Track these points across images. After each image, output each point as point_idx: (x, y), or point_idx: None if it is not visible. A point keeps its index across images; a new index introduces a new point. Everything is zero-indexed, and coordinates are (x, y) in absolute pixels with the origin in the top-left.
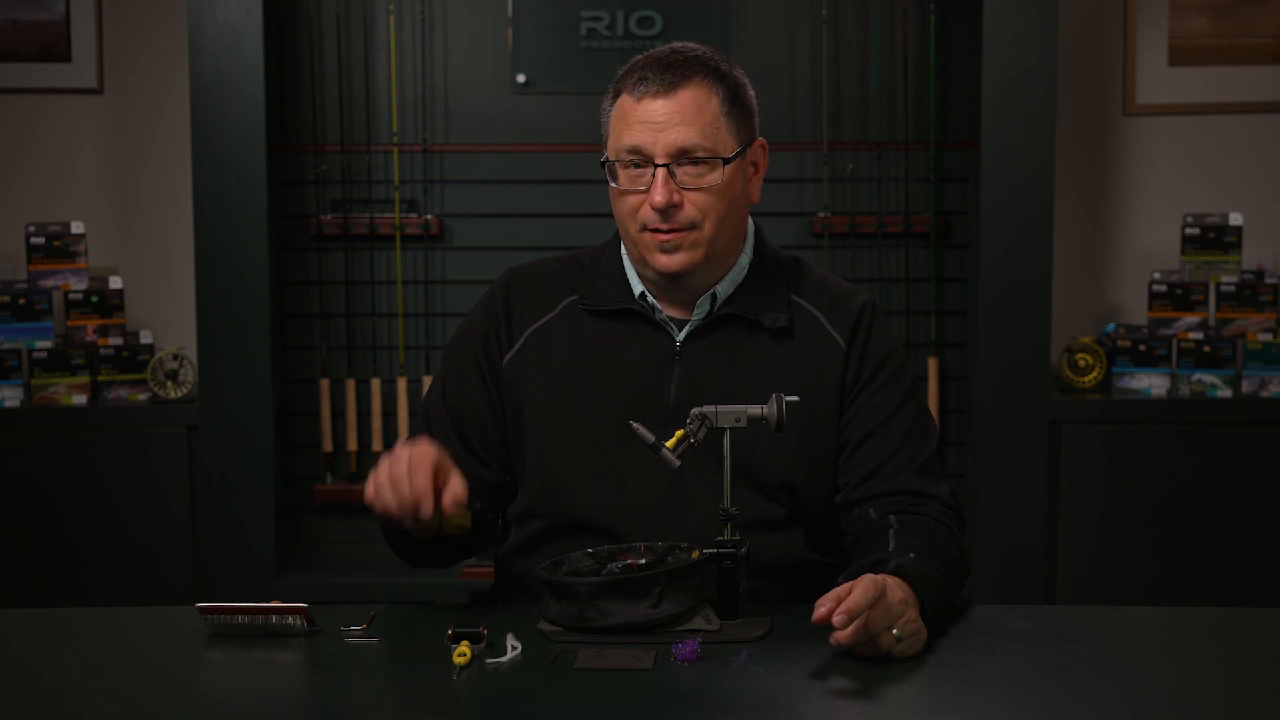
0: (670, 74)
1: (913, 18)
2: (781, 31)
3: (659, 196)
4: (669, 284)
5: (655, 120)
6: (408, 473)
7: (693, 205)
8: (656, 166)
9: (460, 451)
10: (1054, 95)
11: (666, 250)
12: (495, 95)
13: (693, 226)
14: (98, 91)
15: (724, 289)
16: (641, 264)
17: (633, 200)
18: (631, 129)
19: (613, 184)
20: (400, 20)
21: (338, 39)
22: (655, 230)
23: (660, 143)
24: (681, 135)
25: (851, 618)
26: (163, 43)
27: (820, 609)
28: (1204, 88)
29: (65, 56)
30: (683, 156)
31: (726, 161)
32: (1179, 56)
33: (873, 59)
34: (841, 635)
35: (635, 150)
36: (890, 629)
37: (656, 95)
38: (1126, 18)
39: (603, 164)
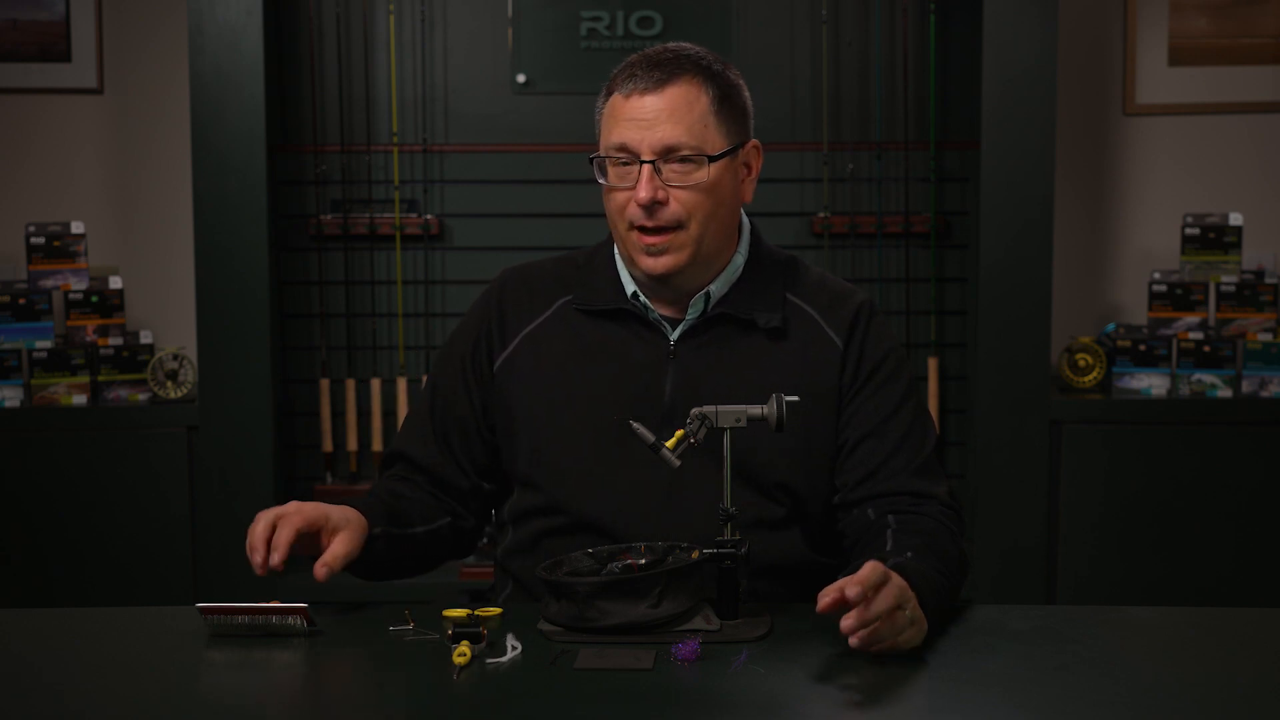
0: (659, 71)
1: (913, 18)
2: (781, 31)
3: (644, 192)
4: (657, 284)
5: (643, 117)
6: (263, 544)
7: (678, 203)
8: (642, 163)
9: (437, 456)
10: (1054, 95)
11: (653, 253)
12: (495, 95)
13: (679, 225)
14: (98, 91)
15: (718, 288)
16: (630, 263)
17: (620, 197)
18: (620, 126)
19: (601, 180)
20: (400, 20)
21: (338, 39)
22: (642, 231)
23: (647, 140)
24: (668, 133)
25: (863, 625)
26: (163, 43)
27: (824, 600)
28: (1204, 88)
29: (65, 56)
30: (669, 154)
31: (712, 160)
32: (1179, 56)
33: (873, 59)
34: (854, 641)
35: (623, 147)
36: (902, 609)
37: (645, 92)
38: (1126, 18)
39: (591, 160)
